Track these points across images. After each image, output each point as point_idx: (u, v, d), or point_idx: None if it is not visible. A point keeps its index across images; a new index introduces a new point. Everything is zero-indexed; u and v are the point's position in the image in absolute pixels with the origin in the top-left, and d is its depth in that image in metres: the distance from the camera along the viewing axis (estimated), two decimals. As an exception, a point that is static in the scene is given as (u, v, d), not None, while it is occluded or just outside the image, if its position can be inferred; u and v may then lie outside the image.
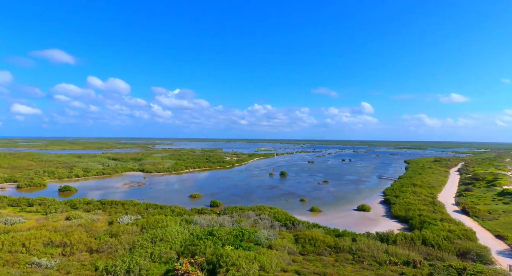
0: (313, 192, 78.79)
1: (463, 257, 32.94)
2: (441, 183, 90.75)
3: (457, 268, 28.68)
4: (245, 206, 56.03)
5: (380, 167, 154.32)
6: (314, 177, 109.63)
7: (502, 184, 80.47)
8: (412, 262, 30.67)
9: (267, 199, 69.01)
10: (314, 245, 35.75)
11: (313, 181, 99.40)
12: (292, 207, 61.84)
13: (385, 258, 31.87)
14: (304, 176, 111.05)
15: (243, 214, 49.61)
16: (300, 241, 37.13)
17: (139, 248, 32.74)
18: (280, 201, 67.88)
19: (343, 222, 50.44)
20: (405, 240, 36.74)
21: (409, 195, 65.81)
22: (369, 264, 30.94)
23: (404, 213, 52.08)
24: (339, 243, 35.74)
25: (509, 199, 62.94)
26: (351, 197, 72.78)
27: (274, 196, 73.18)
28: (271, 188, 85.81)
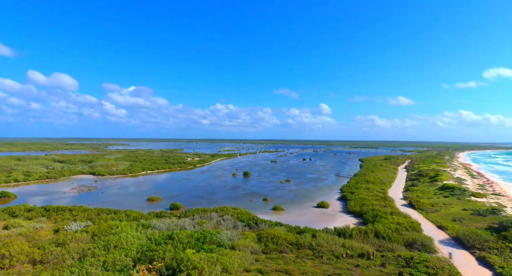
0: (276, 191, 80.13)
1: (410, 247, 35.86)
2: (391, 180, 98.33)
3: (405, 257, 31.11)
4: (208, 208, 54.90)
5: (338, 165, 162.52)
6: (276, 176, 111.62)
7: (443, 179, 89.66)
8: (366, 254, 32.58)
9: (230, 200, 68.46)
10: (276, 243, 36.22)
11: (275, 180, 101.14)
12: (255, 206, 62.12)
13: (342, 251, 33.42)
14: (267, 176, 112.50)
15: (205, 216, 48.49)
16: (263, 240, 37.36)
17: (90, 257, 30.11)
18: (244, 201, 67.80)
19: (304, 219, 52.02)
20: (360, 234, 38.94)
21: (363, 191, 70.08)
22: (327, 258, 32.19)
23: (359, 208, 55.31)
24: (300, 240, 36.72)
25: (448, 193, 70.34)
26: (311, 194, 75.41)
27: (237, 197, 72.88)
28: (234, 188, 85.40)
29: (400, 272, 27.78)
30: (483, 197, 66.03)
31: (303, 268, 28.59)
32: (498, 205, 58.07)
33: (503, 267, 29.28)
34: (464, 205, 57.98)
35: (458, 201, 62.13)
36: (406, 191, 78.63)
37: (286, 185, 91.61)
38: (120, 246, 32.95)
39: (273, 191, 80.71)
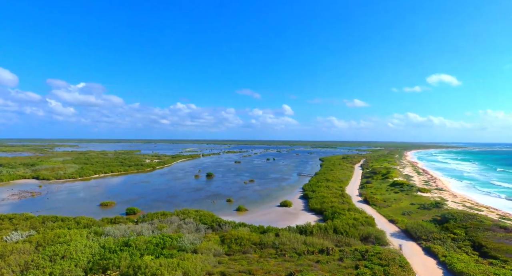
0: (240, 192, 79.85)
1: (366, 240, 38.01)
2: (348, 178, 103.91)
3: (361, 251, 32.86)
4: (168, 211, 52.65)
5: (300, 165, 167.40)
6: (240, 177, 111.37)
7: (393, 176, 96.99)
8: (326, 249, 33.80)
9: (192, 202, 66.58)
10: (240, 244, 35.97)
11: (239, 181, 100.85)
12: (219, 208, 61.19)
13: (303, 248, 34.27)
14: (231, 177, 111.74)
15: (165, 220, 46.41)
16: (226, 241, 36.86)
17: (34, 269, 26.96)
18: (207, 203, 66.41)
19: (268, 218, 52.48)
20: (320, 230, 40.31)
21: (323, 190, 72.91)
22: (290, 256, 32.75)
23: (319, 206, 57.37)
24: (263, 239, 36.89)
25: (398, 189, 76.22)
26: (275, 194, 76.50)
27: (200, 198, 71.14)
28: (197, 190, 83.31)
29: (357, 265, 29.23)
30: (428, 192, 72.73)
31: (266, 267, 28.68)
32: (441, 199, 64.37)
33: (446, 255, 32.36)
34: (411, 200, 63.24)
35: (407, 196, 67.61)
36: (362, 188, 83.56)
37: (250, 185, 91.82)
38: (69, 256, 30.06)
39: (237, 191, 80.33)
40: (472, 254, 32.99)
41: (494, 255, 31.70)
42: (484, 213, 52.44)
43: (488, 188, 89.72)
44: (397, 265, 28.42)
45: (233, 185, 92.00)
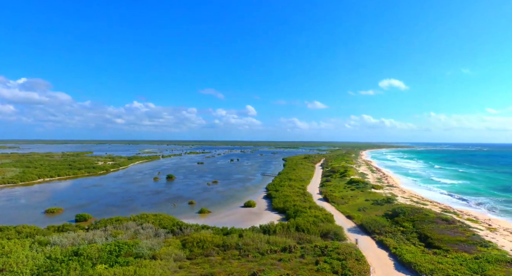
0: (202, 194, 78.11)
1: (325, 237, 39.46)
2: (309, 176, 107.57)
3: (320, 247, 33.99)
4: (123, 216, 49.46)
5: (264, 165, 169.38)
6: (203, 178, 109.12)
7: (350, 174, 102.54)
8: (288, 247, 34.38)
9: (151, 206, 63.45)
10: (202, 247, 35.06)
11: (202, 182, 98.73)
12: (180, 211, 59.16)
13: (267, 248, 34.47)
14: (193, 178, 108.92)
15: (120, 226, 43.49)
16: (188, 245, 35.68)
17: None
18: (167, 206, 63.78)
19: (232, 219, 52.00)
20: (283, 229, 40.94)
21: (286, 189, 74.44)
22: (253, 256, 32.69)
23: (282, 205, 58.39)
24: (227, 241, 36.39)
25: (354, 186, 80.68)
26: (239, 194, 76.21)
27: (159, 202, 68.09)
28: (156, 193, 79.68)
29: (317, 261, 30.15)
30: (380, 189, 78.11)
31: (229, 269, 28.25)
32: (392, 195, 69.51)
33: (396, 247, 34.86)
34: (366, 196, 67.35)
35: (362, 193, 71.88)
36: (322, 186, 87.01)
37: (213, 186, 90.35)
38: (9, 269, 26.69)
39: (199, 193, 78.47)
40: (419, 245, 35.99)
41: (437, 245, 34.94)
42: (429, 207, 57.73)
43: (430, 184, 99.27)
44: (354, 259, 29.88)
45: (196, 186, 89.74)
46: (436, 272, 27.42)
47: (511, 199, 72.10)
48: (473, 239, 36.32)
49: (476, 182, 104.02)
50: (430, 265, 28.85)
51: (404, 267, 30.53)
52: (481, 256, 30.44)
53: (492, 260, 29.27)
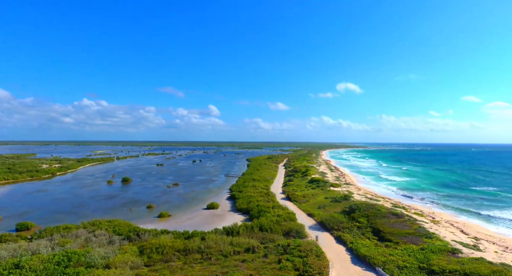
0: (162, 197, 74.89)
1: (288, 235, 40.20)
2: (273, 176, 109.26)
3: (283, 245, 34.52)
4: (73, 224, 45.31)
5: (227, 166, 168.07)
6: (163, 180, 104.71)
7: (311, 174, 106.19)
8: (251, 248, 34.35)
9: (105, 211, 59.14)
10: (162, 252, 33.53)
11: (162, 185, 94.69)
12: (137, 216, 56.00)
13: (230, 249, 34.06)
14: (152, 181, 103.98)
15: (69, 234, 39.77)
16: (146, 252, 33.86)
17: None
18: (122, 211, 59.96)
19: (194, 222, 50.59)
20: (246, 230, 40.82)
21: (250, 189, 74.60)
22: (216, 259, 32.06)
23: (246, 206, 58.33)
24: (188, 245, 35.26)
25: (315, 185, 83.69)
26: (201, 197, 74.49)
27: (114, 207, 63.74)
28: (110, 197, 74.52)
29: (279, 260, 30.54)
30: (338, 187, 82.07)
31: (190, 273, 27.36)
32: (349, 192, 73.36)
33: (352, 242, 36.75)
34: (326, 194, 70.27)
35: (322, 191, 74.86)
36: (285, 186, 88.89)
37: (174, 189, 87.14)
38: None
39: (159, 197, 75.09)
40: (372, 239, 38.38)
41: (389, 238, 37.58)
42: (381, 202, 62.03)
43: (381, 181, 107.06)
44: (314, 255, 30.82)
45: (154, 189, 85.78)
46: (388, 264, 29.40)
47: (450, 194, 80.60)
48: (420, 232, 39.73)
49: (420, 179, 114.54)
50: (383, 257, 30.87)
51: (360, 261, 32.29)
52: (426, 247, 33.38)
53: (435, 250, 32.26)
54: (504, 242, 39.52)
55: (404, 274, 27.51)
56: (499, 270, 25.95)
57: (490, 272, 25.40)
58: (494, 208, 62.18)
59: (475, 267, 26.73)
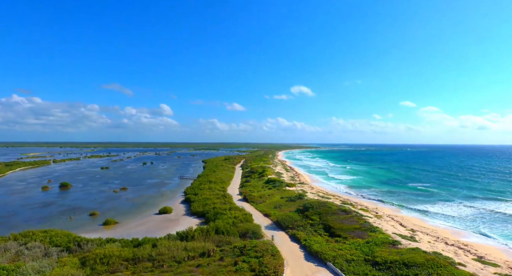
0: (108, 203, 69.16)
1: (244, 236, 40.07)
2: (230, 178, 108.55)
3: (239, 247, 34.30)
4: (0, 236, 39.36)
5: (182, 168, 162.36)
6: (109, 185, 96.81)
7: (268, 174, 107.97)
8: (207, 252, 33.46)
9: (39, 221, 52.58)
10: (107, 263, 30.86)
11: (108, 189, 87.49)
12: (79, 224, 50.88)
13: (184, 255, 32.73)
14: (96, 186, 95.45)
15: (-7, 249, 34.34)
16: (88, 263, 30.85)
17: None
18: (61, 220, 53.92)
19: (144, 229, 47.66)
20: (202, 234, 39.66)
21: (206, 192, 72.92)
22: (169, 266, 30.53)
23: (201, 209, 56.75)
24: (138, 253, 33.03)
25: (271, 185, 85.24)
26: (153, 201, 70.55)
27: (51, 216, 57.02)
28: (46, 205, 66.55)
29: (236, 262, 30.24)
30: (293, 187, 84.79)
31: (140, 285, 25.52)
32: (303, 191, 76.21)
33: (306, 239, 38.07)
34: (282, 194, 72.01)
35: (278, 191, 76.57)
36: (242, 187, 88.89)
37: (121, 194, 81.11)
38: None
39: (104, 203, 69.18)
40: (324, 235, 40.25)
41: (338, 234, 39.79)
42: (331, 200, 65.61)
43: (330, 180, 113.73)
44: (270, 255, 31.18)
45: (99, 195, 78.88)
46: (337, 258, 31.06)
47: (390, 190, 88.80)
48: (365, 226, 42.84)
49: (364, 177, 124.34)
50: (333, 252, 32.53)
51: (313, 257, 33.58)
52: (371, 240, 36.07)
53: (379, 243, 35.03)
54: (435, 233, 44.68)
55: (351, 267, 29.28)
56: (432, 258, 29.13)
57: (424, 261, 28.35)
58: (427, 203, 70.11)
59: (412, 257, 29.61)
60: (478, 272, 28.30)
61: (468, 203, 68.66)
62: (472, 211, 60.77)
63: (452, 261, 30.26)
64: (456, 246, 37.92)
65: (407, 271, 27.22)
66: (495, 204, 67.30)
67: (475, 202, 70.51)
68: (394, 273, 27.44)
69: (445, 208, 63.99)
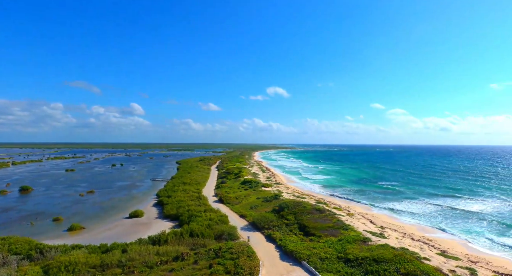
0: (73, 207, 65.13)
1: (220, 238, 39.56)
2: (205, 179, 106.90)
3: (214, 249, 33.79)
4: None
5: (154, 169, 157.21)
6: (75, 188, 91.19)
7: (244, 175, 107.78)
8: (180, 256, 32.58)
9: (-5, 228, 48.26)
10: (73, 271, 29.05)
11: (73, 193, 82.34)
12: (41, 231, 47.41)
13: (156, 260, 31.62)
14: (60, 189, 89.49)
15: None
16: (52, 272, 28.88)
17: None
18: (21, 226, 49.93)
19: (114, 234, 45.50)
20: (175, 237, 38.58)
21: (180, 194, 71.12)
22: (140, 272, 29.33)
23: (175, 211, 55.21)
24: (106, 259, 31.39)
25: (247, 186, 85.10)
26: (123, 204, 67.49)
27: (9, 222, 52.62)
28: (4, 210, 61.38)
29: (210, 264, 29.73)
30: (269, 187, 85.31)
31: (108, 293, 24.19)
32: (279, 191, 76.89)
33: (281, 239, 38.37)
34: (258, 194, 72.13)
35: (254, 192, 76.62)
36: (217, 188, 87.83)
37: (88, 197, 76.77)
38: None
39: (69, 207, 65.05)
40: (299, 235, 40.83)
41: (313, 232, 40.57)
42: (306, 199, 66.81)
43: (305, 180, 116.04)
44: (246, 256, 31.03)
45: (63, 199, 74.09)
46: (312, 257, 31.63)
47: (361, 189, 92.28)
48: (338, 224, 44.07)
49: (337, 176, 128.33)
50: (307, 251, 33.08)
51: (288, 256, 33.90)
52: (343, 238, 37.17)
53: (351, 240, 36.18)
54: (403, 229, 47.05)
55: (325, 265, 29.95)
56: (400, 253, 30.58)
57: (393, 256, 29.68)
58: (394, 201, 73.72)
59: (381, 253, 30.89)
60: (442, 266, 30.14)
61: (431, 201, 73.16)
62: (435, 208, 64.80)
63: (418, 256, 31.98)
64: (421, 241, 40.17)
65: (377, 267, 28.32)
66: (455, 201, 72.33)
67: (437, 199, 75.28)
68: (365, 269, 28.44)
69: (411, 206, 67.69)
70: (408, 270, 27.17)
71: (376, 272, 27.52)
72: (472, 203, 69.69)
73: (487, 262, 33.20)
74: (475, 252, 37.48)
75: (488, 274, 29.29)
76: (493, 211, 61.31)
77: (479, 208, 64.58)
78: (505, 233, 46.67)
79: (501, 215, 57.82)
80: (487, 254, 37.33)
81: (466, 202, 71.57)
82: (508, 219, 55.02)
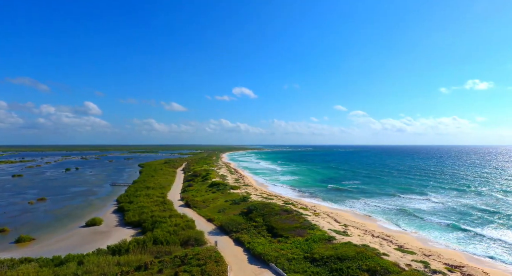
0: (21, 216, 58.99)
1: (186, 244, 38.28)
2: (170, 183, 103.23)
3: (180, 256, 32.58)
4: None
5: (114, 173, 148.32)
6: (23, 195, 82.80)
7: (212, 177, 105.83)
8: (143, 265, 30.89)
9: None
10: (19, 290, 26.06)
11: (21, 201, 74.64)
12: (-20, 245, 42.13)
13: (116, 271, 29.69)
14: (5, 197, 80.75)
15: None
16: (-8, 293, 25.58)
17: None
18: (-45, 241, 43.95)
19: (68, 244, 41.98)
20: (138, 245, 36.59)
21: (143, 199, 67.81)
22: (98, 286, 27.25)
23: (137, 218, 52.41)
24: (60, 273, 28.95)
25: (215, 188, 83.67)
26: (79, 212, 62.58)
27: None
28: None
29: (176, 272, 28.56)
30: (238, 189, 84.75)
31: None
32: (247, 193, 76.65)
33: (250, 242, 38.19)
34: (226, 197, 71.25)
35: (222, 194, 75.57)
36: (184, 192, 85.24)
37: (39, 205, 70.04)
38: None
39: (16, 217, 58.80)
40: (267, 236, 40.97)
41: (281, 234, 40.96)
42: (274, 200, 67.45)
43: (274, 181, 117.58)
44: (213, 261, 30.32)
45: (9, 208, 66.86)
46: (279, 258, 31.88)
47: (328, 189, 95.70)
48: (305, 224, 45.00)
49: (304, 177, 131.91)
50: (275, 253, 33.29)
51: (256, 259, 33.81)
52: (309, 238, 38.03)
53: (316, 240, 37.13)
54: (364, 227, 49.44)
55: (292, 265, 30.36)
56: (362, 250, 32.01)
57: (355, 254, 30.98)
58: (357, 199, 77.56)
59: (345, 251, 32.10)
60: (399, 261, 32.12)
61: (389, 198, 78.16)
62: (393, 206, 69.24)
63: (378, 252, 33.75)
64: (381, 238, 42.54)
65: (340, 264, 29.35)
66: (411, 199, 78.03)
67: (395, 197, 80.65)
68: (329, 267, 29.32)
69: (371, 204, 71.62)
70: (369, 266, 28.51)
71: (340, 270, 28.50)
72: (424, 201, 75.63)
73: (439, 255, 36.10)
74: (428, 246, 40.60)
75: (440, 266, 31.80)
76: (442, 208, 67.13)
77: (430, 205, 70.32)
78: (453, 227, 51.26)
79: (450, 211, 63.54)
80: (438, 247, 40.64)
81: (420, 200, 77.48)
82: (454, 215, 60.58)
